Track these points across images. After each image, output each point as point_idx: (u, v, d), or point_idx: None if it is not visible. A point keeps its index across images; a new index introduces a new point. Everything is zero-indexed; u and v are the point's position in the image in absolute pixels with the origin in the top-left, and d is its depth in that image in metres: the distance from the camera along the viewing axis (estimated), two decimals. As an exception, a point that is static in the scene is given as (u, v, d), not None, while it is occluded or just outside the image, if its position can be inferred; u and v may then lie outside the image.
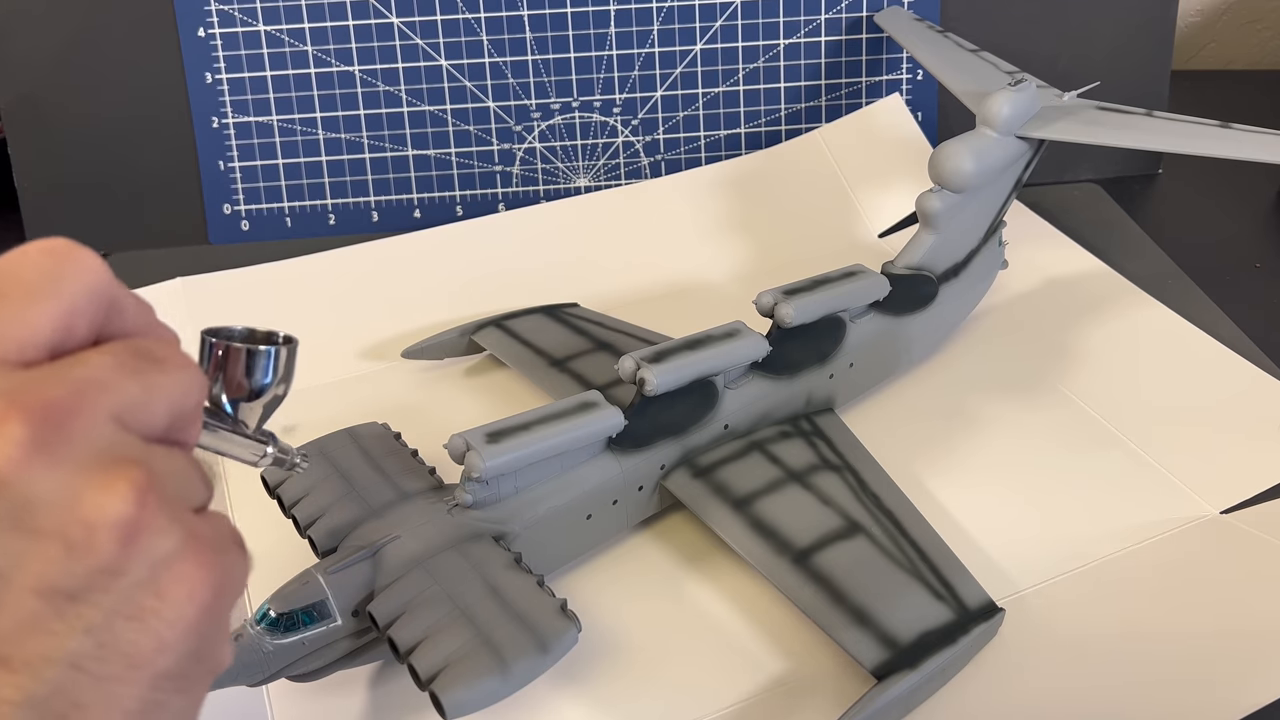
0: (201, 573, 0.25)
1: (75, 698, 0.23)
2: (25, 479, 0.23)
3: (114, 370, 0.25)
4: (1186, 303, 0.65)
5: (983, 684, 0.43)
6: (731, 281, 0.70)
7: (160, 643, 0.24)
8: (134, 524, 0.23)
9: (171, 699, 0.25)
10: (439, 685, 0.39)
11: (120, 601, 0.24)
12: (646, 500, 0.50)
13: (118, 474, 0.24)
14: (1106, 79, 0.69)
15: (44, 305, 0.25)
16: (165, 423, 0.26)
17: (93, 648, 0.23)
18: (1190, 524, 0.50)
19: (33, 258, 0.25)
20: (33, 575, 0.23)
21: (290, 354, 0.32)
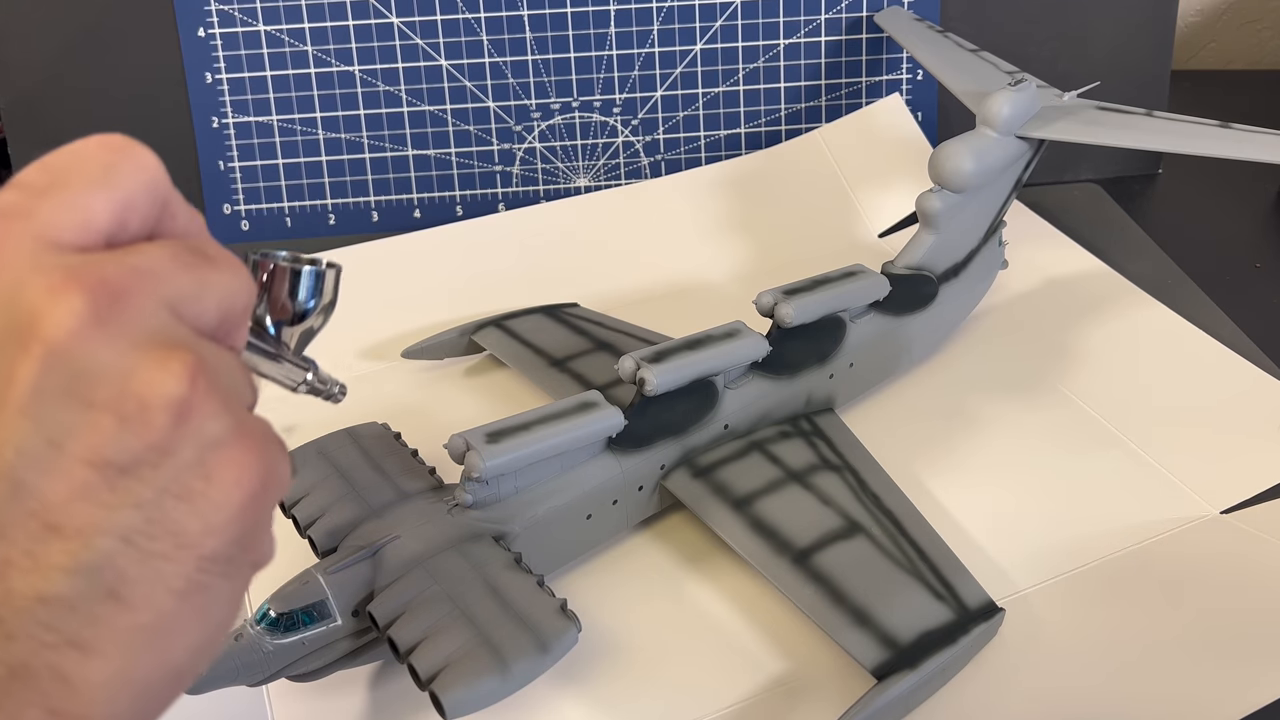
0: (249, 459, 0.25)
1: (123, 571, 0.23)
2: (82, 350, 0.23)
3: (168, 261, 0.25)
4: (1186, 303, 0.65)
5: (983, 684, 0.43)
6: (731, 281, 0.70)
7: (207, 525, 0.24)
8: (185, 404, 0.24)
9: (216, 583, 0.25)
10: (439, 685, 0.39)
11: (169, 480, 0.24)
12: (646, 500, 0.50)
13: (171, 355, 0.24)
14: (1106, 79, 0.69)
15: (101, 195, 0.25)
16: (215, 320, 0.26)
17: (142, 523, 0.24)
18: (1190, 524, 0.50)
19: (92, 150, 0.26)
20: (86, 446, 0.23)
21: (335, 278, 0.32)
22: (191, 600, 0.24)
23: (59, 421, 0.23)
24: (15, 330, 0.23)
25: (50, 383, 0.23)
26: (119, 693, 0.24)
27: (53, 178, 0.26)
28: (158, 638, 0.24)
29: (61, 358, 0.23)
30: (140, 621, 0.24)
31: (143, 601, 0.24)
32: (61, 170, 0.26)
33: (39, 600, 0.23)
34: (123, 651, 0.24)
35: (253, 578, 0.27)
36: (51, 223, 0.25)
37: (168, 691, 0.25)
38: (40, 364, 0.23)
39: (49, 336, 0.23)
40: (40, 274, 0.24)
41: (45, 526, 0.23)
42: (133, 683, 0.24)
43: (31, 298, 0.23)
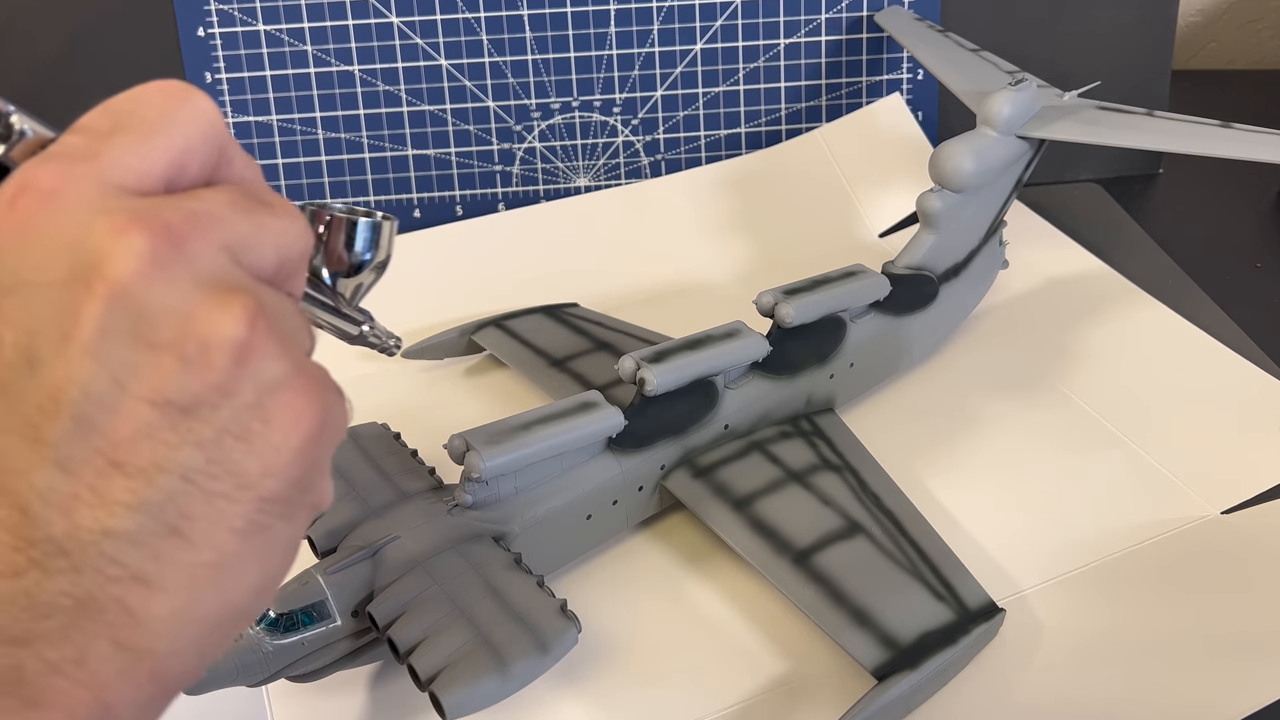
0: (307, 402, 0.25)
1: (185, 509, 0.24)
2: (144, 291, 0.23)
3: (227, 206, 0.26)
4: (1187, 303, 0.65)
5: (983, 684, 0.43)
6: (731, 281, 0.70)
7: (267, 466, 0.25)
8: (246, 345, 0.24)
9: (275, 524, 0.25)
10: (439, 686, 0.39)
11: (230, 421, 0.24)
12: (646, 500, 0.50)
13: (231, 297, 0.24)
14: (1107, 79, 0.69)
15: (160, 140, 0.26)
16: (273, 266, 0.27)
17: (203, 463, 0.24)
18: (1191, 524, 0.50)
19: (153, 96, 0.26)
20: (148, 386, 0.23)
21: (391, 231, 0.32)
22: (252, 540, 0.25)
23: (123, 361, 0.23)
24: (81, 271, 0.23)
25: (114, 323, 0.23)
26: (182, 628, 0.24)
27: (115, 122, 0.26)
28: (219, 576, 0.25)
29: (125, 298, 0.23)
30: (202, 559, 0.24)
31: (204, 540, 0.24)
32: (123, 115, 0.26)
33: (105, 535, 0.23)
34: (186, 588, 0.24)
35: (311, 520, 0.27)
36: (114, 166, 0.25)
37: (228, 629, 0.26)
38: (105, 304, 0.23)
39: (113, 277, 0.23)
40: (104, 216, 0.24)
41: (110, 463, 0.23)
42: (196, 619, 0.24)
43: (96, 238, 0.24)
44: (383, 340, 0.34)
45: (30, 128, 0.28)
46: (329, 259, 0.32)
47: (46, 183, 0.24)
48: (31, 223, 0.24)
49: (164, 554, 0.24)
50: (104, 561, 0.23)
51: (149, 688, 0.24)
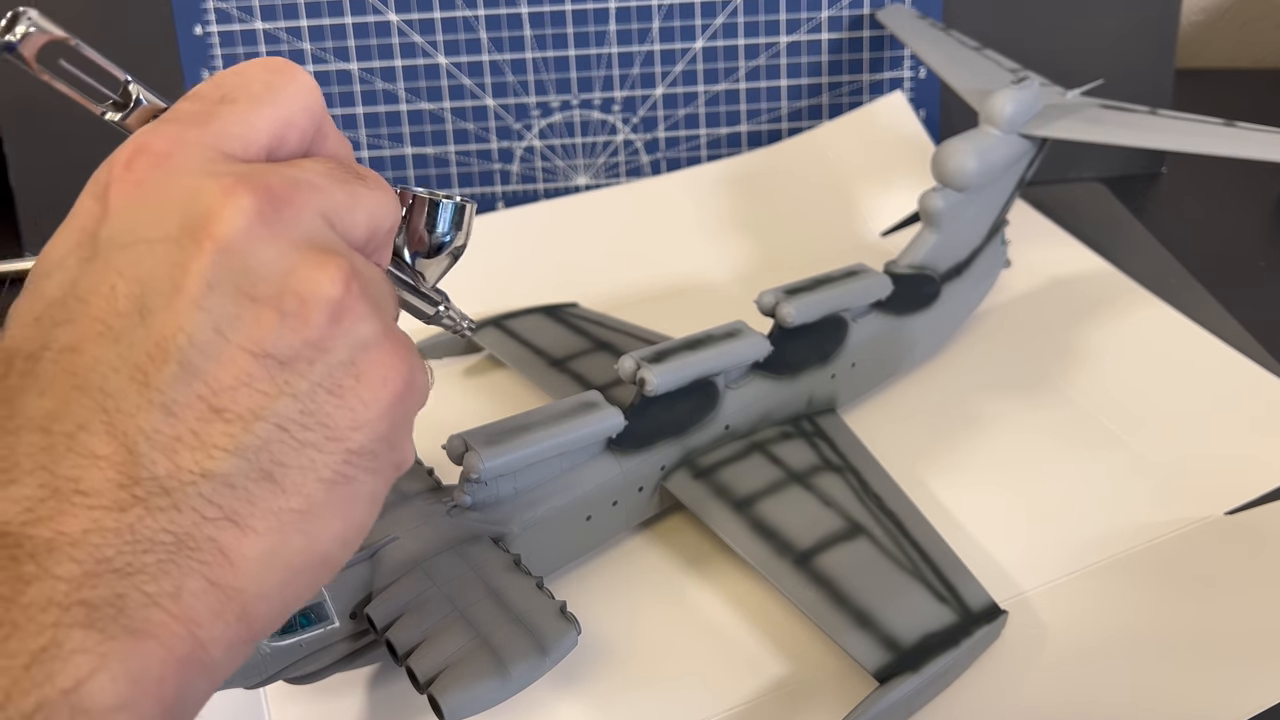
0: (395, 363, 0.27)
1: (279, 456, 0.25)
2: (249, 248, 0.25)
3: (324, 175, 0.27)
4: (1190, 302, 0.64)
5: (986, 686, 0.43)
6: (732, 281, 0.69)
7: (355, 420, 0.26)
8: (340, 304, 0.26)
9: (361, 476, 0.27)
10: (438, 688, 0.39)
11: (323, 375, 0.26)
12: (647, 501, 0.50)
13: (328, 258, 0.26)
14: (1110, 77, 0.69)
15: (264, 111, 0.28)
16: (364, 235, 0.28)
17: (297, 413, 0.25)
18: (1194, 525, 0.50)
19: (257, 71, 0.28)
20: (249, 337, 0.25)
21: (470, 214, 0.33)
22: (338, 490, 0.26)
23: (226, 313, 0.25)
24: (190, 227, 0.25)
25: (220, 276, 0.25)
26: (270, 571, 0.25)
27: (224, 92, 0.28)
28: (307, 522, 0.26)
29: (231, 254, 0.25)
30: (292, 505, 0.25)
31: (295, 487, 0.25)
32: (231, 87, 0.28)
33: (203, 476, 0.24)
34: (275, 531, 0.25)
35: (395, 478, 0.28)
36: (222, 133, 0.27)
37: (313, 577, 0.27)
38: (212, 258, 0.25)
39: (220, 233, 0.25)
40: (213, 178, 0.25)
41: (211, 409, 0.25)
42: (283, 563, 0.26)
43: (205, 198, 0.25)
44: (457, 321, 0.35)
45: (145, 96, 0.30)
46: (411, 238, 0.33)
47: (160, 146, 0.26)
48: (145, 182, 0.26)
49: (257, 498, 0.25)
50: (201, 502, 0.24)
51: (237, 627, 0.25)
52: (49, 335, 0.25)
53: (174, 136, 0.27)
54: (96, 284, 0.25)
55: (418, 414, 0.29)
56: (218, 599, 0.25)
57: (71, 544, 0.23)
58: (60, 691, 0.22)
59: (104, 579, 0.23)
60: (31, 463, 0.24)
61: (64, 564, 0.23)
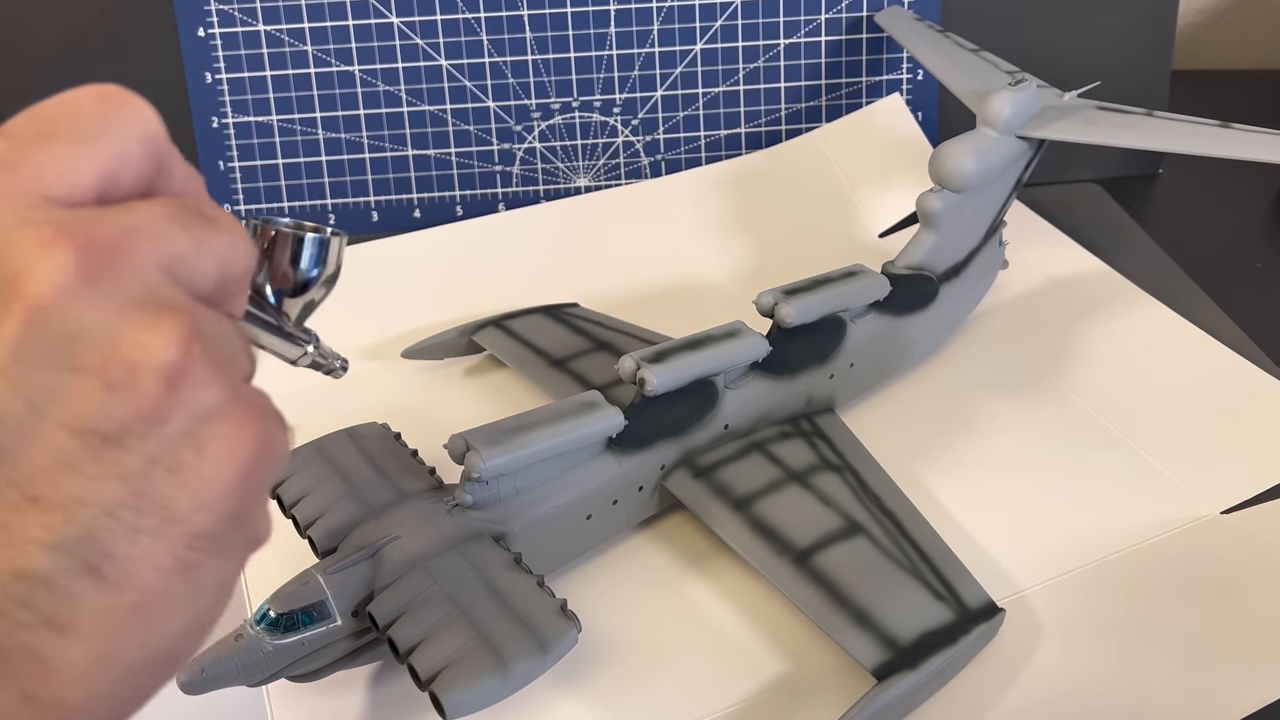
0: (244, 432, 0.24)
1: (107, 547, 0.22)
2: (68, 310, 0.22)
3: (164, 220, 0.24)
4: (1187, 303, 0.65)
5: (983, 684, 0.43)
6: (731, 281, 0.70)
7: (198, 501, 0.23)
8: (178, 370, 0.22)
9: (208, 561, 0.23)
10: (439, 686, 0.39)
11: (159, 451, 0.22)
12: (646, 500, 0.50)
13: (164, 317, 0.22)
14: (1107, 79, 0.69)
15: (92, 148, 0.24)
16: (213, 284, 0.25)
17: (128, 497, 0.22)
18: (1191, 524, 0.50)
19: (85, 100, 0.24)
20: (69, 413, 0.22)
21: (339, 247, 0.31)
22: (181, 579, 0.23)
23: (41, 385, 0.22)
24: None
25: (32, 344, 0.21)
26: (99, 675, 0.22)
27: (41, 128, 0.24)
28: (143, 618, 0.23)
29: (46, 317, 0.21)
30: (124, 600, 0.22)
31: (127, 580, 0.22)
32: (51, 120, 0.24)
33: (14, 576, 0.21)
34: (104, 632, 0.22)
35: (249, 556, 0.25)
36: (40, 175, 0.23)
37: (154, 676, 0.24)
38: (22, 323, 0.21)
39: (33, 294, 0.21)
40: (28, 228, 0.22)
41: (24, 497, 0.22)
42: (115, 665, 0.23)
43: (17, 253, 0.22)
44: (329, 362, 0.33)
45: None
46: (273, 276, 0.30)
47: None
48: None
49: (81, 596, 0.22)
50: (13, 606, 0.21)
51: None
52: None
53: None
54: None
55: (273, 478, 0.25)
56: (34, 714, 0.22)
57: None
58: None
59: None
60: None
61: None
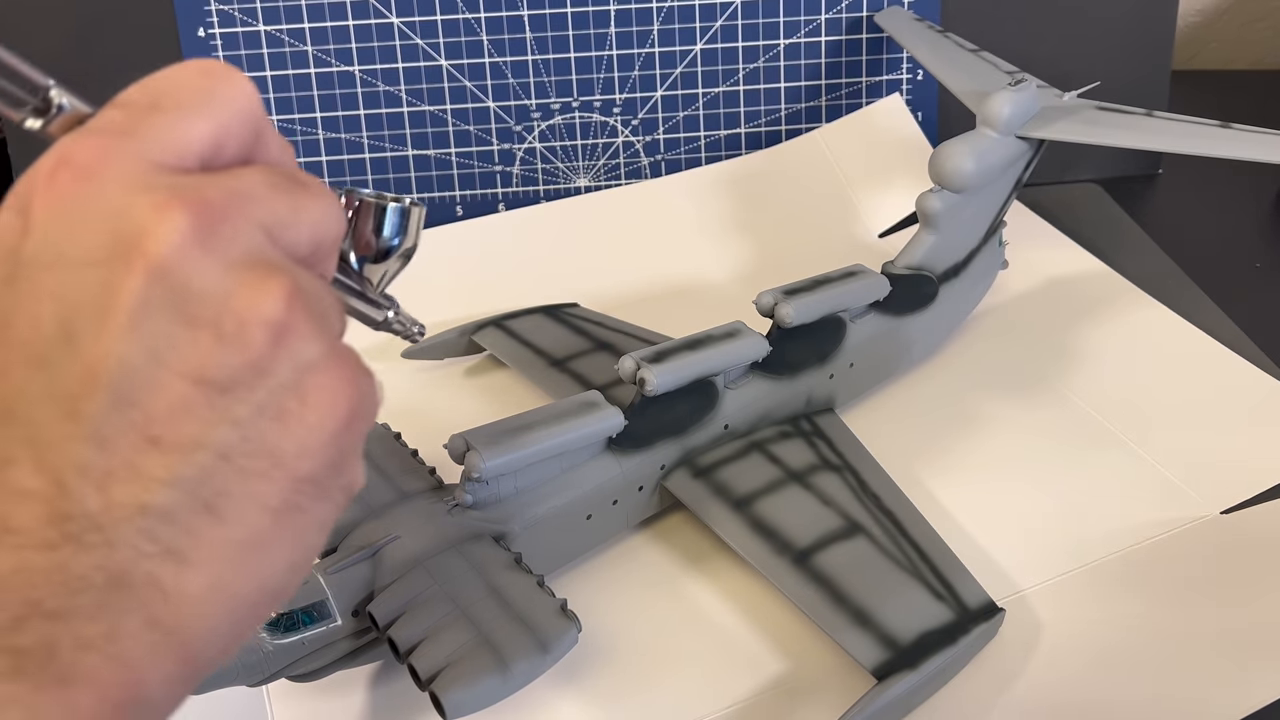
0: (342, 385, 0.25)
1: (220, 486, 0.24)
2: (184, 268, 0.23)
3: (265, 186, 0.25)
4: (1186, 303, 0.65)
5: (983, 684, 0.43)
6: (731, 281, 0.70)
7: (301, 446, 0.25)
8: (283, 324, 0.24)
9: (310, 505, 0.25)
10: (439, 685, 0.39)
11: (266, 400, 0.24)
12: (646, 500, 0.50)
13: (269, 276, 0.24)
14: (1107, 79, 0.69)
15: (198, 119, 0.25)
16: (308, 247, 0.27)
17: (239, 440, 0.24)
18: (1190, 524, 0.50)
19: (191, 74, 0.26)
20: (186, 362, 0.23)
21: (419, 218, 0.33)
22: (285, 520, 0.25)
23: (161, 337, 0.23)
24: (121, 246, 0.23)
25: (153, 298, 0.23)
26: (214, 606, 0.24)
27: (153, 99, 0.26)
28: (252, 554, 0.24)
29: (165, 274, 0.23)
30: (235, 537, 0.24)
31: (238, 517, 0.24)
32: (162, 92, 0.26)
33: (139, 510, 0.23)
34: (218, 565, 0.24)
35: (345, 503, 0.27)
36: (153, 142, 0.25)
37: (260, 610, 0.26)
38: (144, 279, 0.23)
39: (154, 253, 0.23)
40: (145, 192, 0.24)
41: (146, 439, 0.23)
42: (227, 597, 0.24)
43: (136, 215, 0.23)
44: (406, 327, 0.34)
45: (68, 102, 0.28)
46: (357, 243, 0.32)
47: (85, 157, 0.24)
48: (70, 197, 0.24)
49: (198, 531, 0.24)
50: (138, 537, 0.23)
51: (179, 667, 0.24)
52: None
53: (100, 147, 0.25)
54: (19, 306, 0.24)
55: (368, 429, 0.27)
56: (157, 638, 0.23)
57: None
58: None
59: (32, 623, 0.22)
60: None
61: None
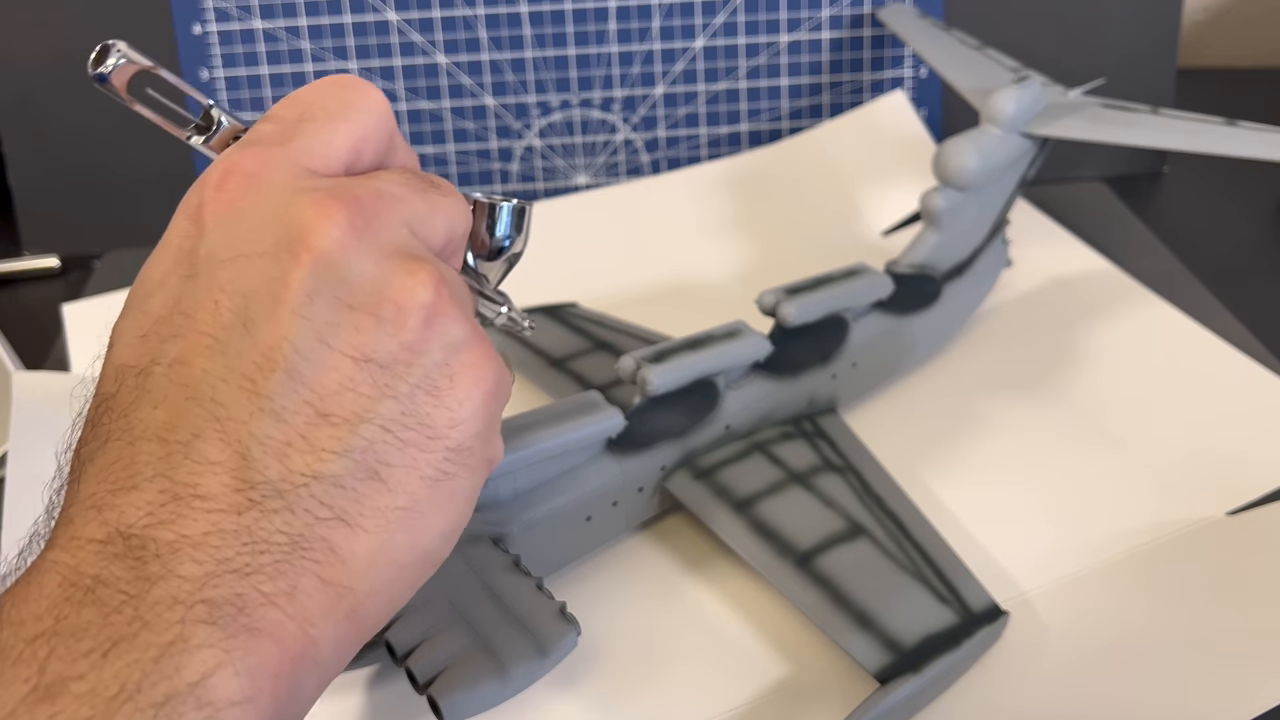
0: (485, 363, 0.28)
1: (384, 456, 0.27)
2: (344, 258, 0.26)
3: (403, 186, 0.29)
4: (1192, 302, 0.64)
5: (987, 687, 0.43)
6: (733, 281, 0.69)
7: (453, 418, 0.28)
8: (433, 308, 0.27)
9: (460, 473, 0.28)
10: (437, 689, 0.38)
11: (421, 377, 0.27)
12: (647, 502, 0.50)
13: (419, 265, 0.27)
14: (1111, 76, 0.69)
15: (342, 127, 0.29)
16: (443, 241, 0.30)
17: (399, 414, 0.27)
18: (1196, 525, 0.50)
19: (332, 89, 0.30)
20: (350, 344, 0.26)
21: (529, 215, 0.34)
22: (440, 487, 0.28)
23: (327, 321, 0.26)
24: (287, 240, 0.26)
25: (319, 286, 0.26)
26: (379, 568, 0.27)
27: (300, 111, 0.29)
28: (412, 519, 0.27)
29: (327, 264, 0.26)
30: (398, 504, 0.27)
31: (399, 485, 0.27)
32: (308, 105, 0.29)
33: (314, 477, 0.26)
34: (383, 529, 0.27)
35: (488, 474, 0.30)
36: (304, 150, 0.28)
37: (418, 572, 0.28)
38: (310, 270, 0.26)
39: (317, 246, 0.26)
40: (304, 194, 0.27)
41: (318, 414, 0.26)
42: (390, 560, 0.27)
43: (299, 212, 0.26)
44: (519, 323, 0.36)
45: (227, 119, 0.31)
46: (473, 242, 0.33)
47: (248, 165, 0.28)
48: (238, 201, 0.27)
49: (365, 497, 0.26)
50: (313, 503, 0.26)
51: (347, 625, 0.26)
52: (157, 351, 0.26)
53: (260, 156, 0.28)
54: (200, 299, 0.26)
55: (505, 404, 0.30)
56: (329, 597, 0.26)
57: (193, 546, 0.24)
58: (187, 684, 0.23)
59: (224, 579, 0.24)
60: (151, 470, 0.25)
61: (186, 564, 0.24)
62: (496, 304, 0.34)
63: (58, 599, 0.23)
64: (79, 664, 0.22)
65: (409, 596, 0.28)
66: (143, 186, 0.76)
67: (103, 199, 0.76)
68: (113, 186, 0.76)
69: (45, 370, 0.63)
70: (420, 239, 0.29)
